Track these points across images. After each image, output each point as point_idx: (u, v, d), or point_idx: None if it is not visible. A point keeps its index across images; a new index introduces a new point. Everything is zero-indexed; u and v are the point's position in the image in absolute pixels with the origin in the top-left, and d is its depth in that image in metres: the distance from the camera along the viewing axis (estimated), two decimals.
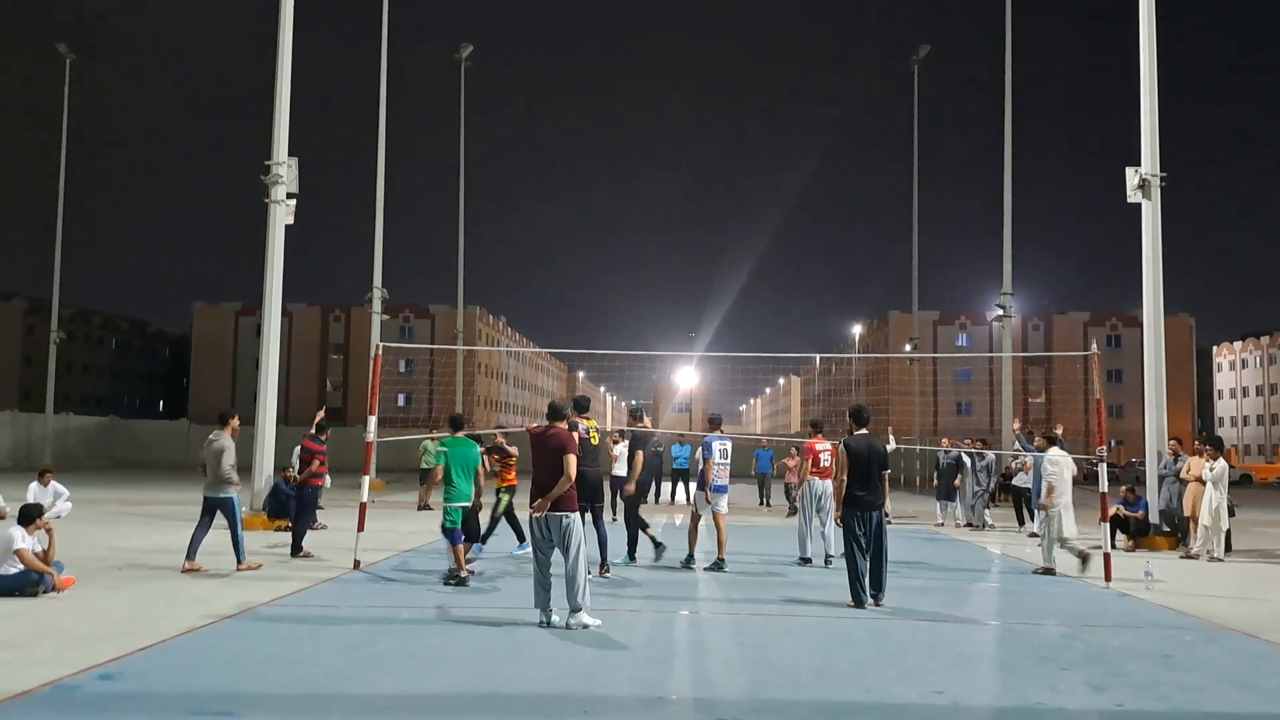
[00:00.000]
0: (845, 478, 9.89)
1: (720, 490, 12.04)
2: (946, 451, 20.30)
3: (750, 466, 25.36)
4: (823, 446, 13.02)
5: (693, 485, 26.25)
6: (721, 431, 12.48)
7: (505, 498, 12.85)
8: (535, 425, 8.87)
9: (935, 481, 21.43)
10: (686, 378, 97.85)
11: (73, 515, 17.37)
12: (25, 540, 9.28)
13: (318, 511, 15.77)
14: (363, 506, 12.00)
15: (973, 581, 12.12)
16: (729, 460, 12.18)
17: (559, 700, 6.00)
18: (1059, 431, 16.64)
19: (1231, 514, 14.87)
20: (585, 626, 8.08)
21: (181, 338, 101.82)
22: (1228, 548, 14.63)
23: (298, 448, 19.17)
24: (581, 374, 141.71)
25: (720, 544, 12.12)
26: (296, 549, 12.53)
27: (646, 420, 12.99)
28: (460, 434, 11.14)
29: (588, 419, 10.94)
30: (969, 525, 19.46)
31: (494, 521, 12.90)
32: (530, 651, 7.28)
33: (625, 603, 9.61)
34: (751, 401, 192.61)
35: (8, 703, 5.60)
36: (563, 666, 6.84)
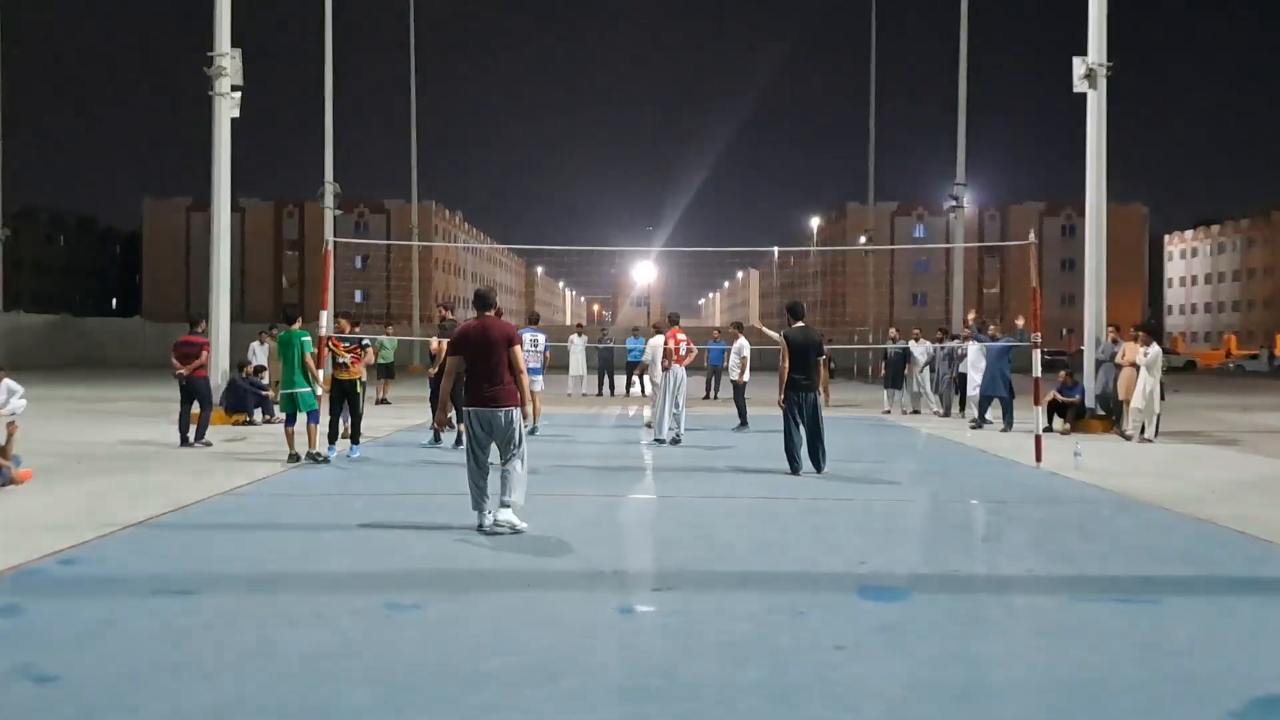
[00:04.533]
0: (786, 364, 10.92)
1: (534, 372, 13.97)
2: (894, 341, 20.82)
3: (703, 359, 25.77)
4: (681, 336, 14.47)
5: (646, 377, 26.91)
6: (538, 326, 16.13)
7: (361, 391, 12.42)
8: (467, 320, 8.14)
9: (884, 370, 22.04)
10: (645, 272, 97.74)
11: (28, 412, 17.38)
12: None
13: (275, 406, 15.97)
14: (319, 399, 12.17)
15: (909, 463, 12.64)
16: (539, 348, 14.88)
17: (506, 575, 6.34)
18: (1019, 323, 17.48)
19: (1163, 398, 15.53)
20: (514, 529, 7.50)
21: (133, 234, 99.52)
22: (1158, 430, 15.30)
23: (254, 343, 19.30)
24: (540, 269, 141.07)
25: (536, 413, 12.76)
26: (184, 440, 12.98)
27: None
28: (295, 326, 11.76)
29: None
30: (915, 412, 20.15)
31: (356, 418, 12.41)
32: (477, 538, 7.50)
33: (575, 488, 9.99)
34: (710, 295, 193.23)
35: None
36: (508, 549, 7.15)
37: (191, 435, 13.03)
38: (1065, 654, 4.80)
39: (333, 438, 12.12)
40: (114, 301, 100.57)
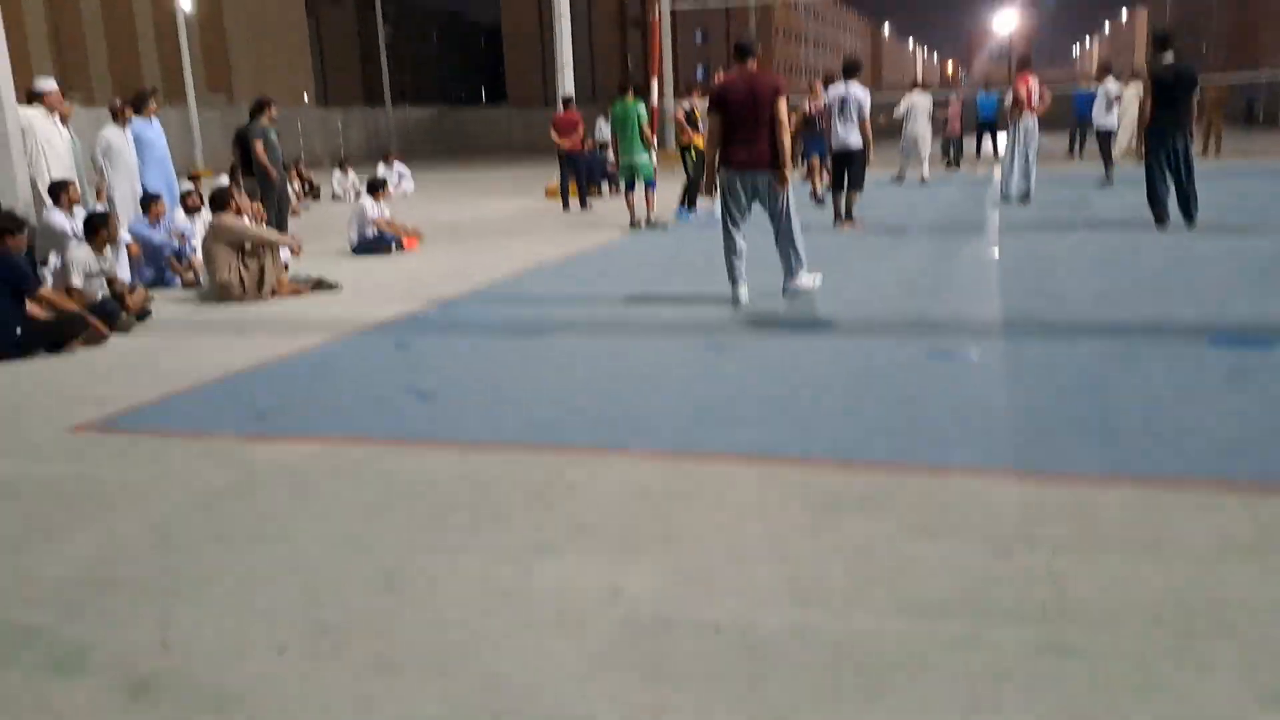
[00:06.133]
0: (1149, 103, 9.75)
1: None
2: None
3: (1068, 110, 23.42)
4: (1032, 82, 12.89)
5: (1000, 135, 24.84)
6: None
7: (691, 157, 12.91)
8: (727, 73, 7.07)
9: None
10: (1005, 20, 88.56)
11: (416, 192, 19.78)
12: (374, 208, 10.86)
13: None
14: (655, 169, 12.62)
15: None
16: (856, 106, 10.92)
17: (820, 323, 6.47)
18: None
19: None
20: (807, 290, 7.07)
21: (493, 27, 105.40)
22: None
23: (600, 119, 20.22)
24: (887, 25, 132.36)
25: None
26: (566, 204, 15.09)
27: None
28: (629, 99, 12.28)
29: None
30: None
31: (691, 184, 12.89)
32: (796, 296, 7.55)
33: (900, 243, 9.80)
34: (1086, 42, 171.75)
35: (378, 326, 6.94)
36: (822, 303, 7.16)
37: (569, 203, 15.04)
38: None
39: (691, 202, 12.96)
40: (482, 92, 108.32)
